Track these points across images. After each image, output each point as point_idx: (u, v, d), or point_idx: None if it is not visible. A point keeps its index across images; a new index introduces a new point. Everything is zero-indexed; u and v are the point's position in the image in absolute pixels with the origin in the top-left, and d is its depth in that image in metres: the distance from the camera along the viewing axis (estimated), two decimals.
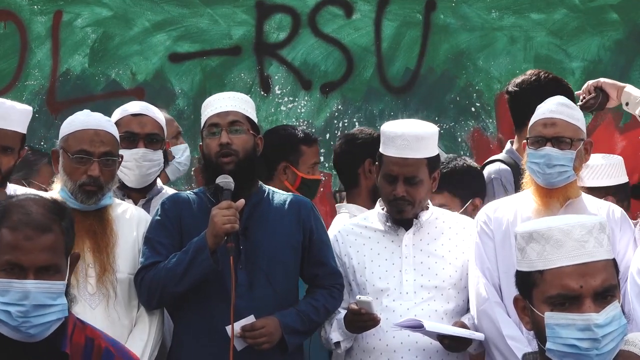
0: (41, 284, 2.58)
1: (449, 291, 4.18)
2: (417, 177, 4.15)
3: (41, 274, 2.60)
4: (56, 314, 2.61)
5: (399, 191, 4.14)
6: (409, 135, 4.14)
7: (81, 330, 2.76)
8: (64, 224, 2.66)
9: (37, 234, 2.60)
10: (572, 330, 2.39)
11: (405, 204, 4.16)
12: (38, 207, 2.65)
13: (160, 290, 3.96)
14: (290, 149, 4.95)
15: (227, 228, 3.87)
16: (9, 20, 6.53)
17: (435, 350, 4.09)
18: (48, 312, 2.60)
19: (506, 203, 4.26)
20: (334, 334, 4.12)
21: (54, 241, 2.62)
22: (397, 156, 4.15)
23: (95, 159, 3.98)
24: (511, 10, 6.55)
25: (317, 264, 4.16)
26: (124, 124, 4.48)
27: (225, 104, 4.15)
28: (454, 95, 6.55)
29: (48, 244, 2.61)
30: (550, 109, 4.17)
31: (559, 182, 4.12)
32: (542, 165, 4.09)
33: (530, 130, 4.19)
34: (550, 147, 4.09)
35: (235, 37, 6.56)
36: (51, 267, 2.61)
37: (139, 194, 4.54)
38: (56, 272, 2.62)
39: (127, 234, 4.08)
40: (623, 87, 4.71)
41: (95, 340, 2.76)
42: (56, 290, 2.61)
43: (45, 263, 2.60)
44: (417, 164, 4.15)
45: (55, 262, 2.62)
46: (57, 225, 2.64)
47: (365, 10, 6.57)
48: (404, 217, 4.20)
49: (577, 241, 2.41)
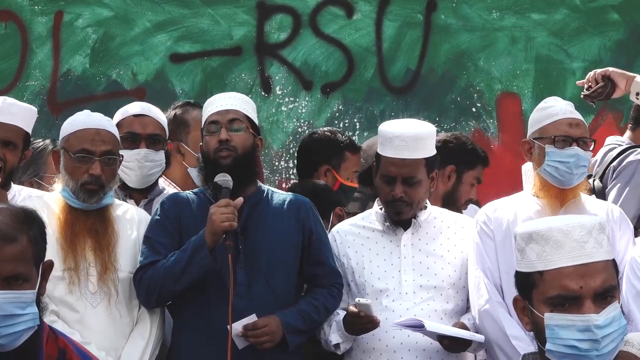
0: (8, 294, 2.53)
1: (448, 291, 4.17)
2: (415, 178, 4.14)
3: (9, 284, 2.54)
4: (25, 324, 2.56)
5: (397, 192, 4.13)
6: (406, 136, 4.13)
7: (54, 341, 2.71)
8: (31, 233, 2.59)
9: (3, 245, 2.54)
10: (572, 331, 2.38)
11: (404, 205, 4.15)
12: (4, 217, 2.59)
13: (158, 288, 3.97)
14: (335, 154, 5.00)
15: (225, 226, 3.87)
16: (9, 20, 6.54)
17: (435, 351, 4.08)
18: (17, 321, 2.54)
19: (505, 203, 4.25)
20: (333, 335, 4.12)
21: (20, 251, 2.55)
22: (395, 157, 4.13)
23: (97, 157, 3.99)
24: (512, 11, 6.55)
25: (317, 263, 4.16)
26: (126, 125, 4.49)
27: (225, 103, 4.16)
28: (454, 95, 6.55)
29: (14, 254, 2.54)
30: (569, 110, 4.15)
31: (576, 182, 4.11)
32: (571, 166, 4.06)
33: (549, 129, 4.11)
34: (578, 148, 4.08)
35: (236, 37, 6.56)
36: (19, 276, 2.55)
37: (140, 195, 4.55)
38: (25, 281, 2.56)
39: (128, 234, 4.09)
40: (633, 77, 4.60)
41: (67, 353, 2.70)
42: (25, 299, 2.55)
43: (10, 273, 2.54)
44: (415, 164, 4.14)
45: (21, 272, 2.55)
46: (23, 235, 2.57)
47: (366, 11, 6.57)
48: (403, 218, 4.19)
49: (577, 242, 2.41)
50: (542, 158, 4.11)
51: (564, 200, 4.12)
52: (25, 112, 4.28)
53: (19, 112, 4.24)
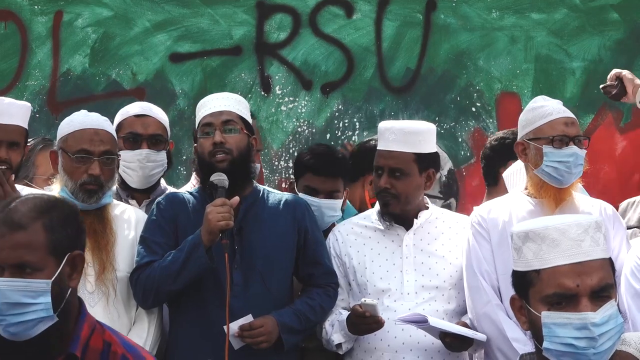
0: (12, 282, 2.53)
1: (450, 291, 4.17)
2: (401, 170, 4.15)
3: (17, 273, 2.54)
4: (36, 313, 2.54)
5: (381, 183, 4.16)
6: (396, 129, 4.18)
7: (100, 334, 2.71)
8: (47, 221, 2.58)
9: (10, 232, 2.54)
10: (569, 329, 2.39)
11: (389, 196, 4.17)
12: (25, 205, 2.60)
13: (155, 288, 3.97)
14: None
15: (221, 225, 3.87)
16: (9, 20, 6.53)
17: (437, 351, 4.08)
18: (26, 310, 2.53)
19: (498, 204, 4.24)
20: (336, 335, 4.12)
21: (29, 239, 2.55)
22: (384, 149, 4.18)
23: (96, 157, 3.99)
24: (512, 10, 6.55)
25: (312, 263, 4.17)
26: (127, 125, 4.49)
27: (218, 104, 4.16)
28: (454, 95, 6.54)
29: (20, 242, 2.54)
30: (562, 109, 4.15)
31: (573, 181, 4.11)
32: (570, 165, 4.07)
33: (545, 129, 4.11)
34: (575, 146, 4.07)
35: (235, 37, 6.56)
36: (27, 265, 2.54)
37: (142, 195, 4.55)
38: (35, 270, 2.55)
39: (126, 234, 4.09)
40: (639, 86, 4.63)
41: (112, 345, 2.70)
42: (35, 289, 2.54)
43: (17, 261, 2.54)
44: (402, 157, 4.16)
45: (29, 260, 2.54)
46: (36, 223, 2.56)
47: (365, 10, 6.56)
48: (390, 211, 4.20)
49: (574, 240, 2.41)
50: (539, 159, 4.10)
51: (560, 199, 4.12)
52: (22, 109, 4.30)
53: (18, 111, 4.26)
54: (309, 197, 4.48)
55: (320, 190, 4.52)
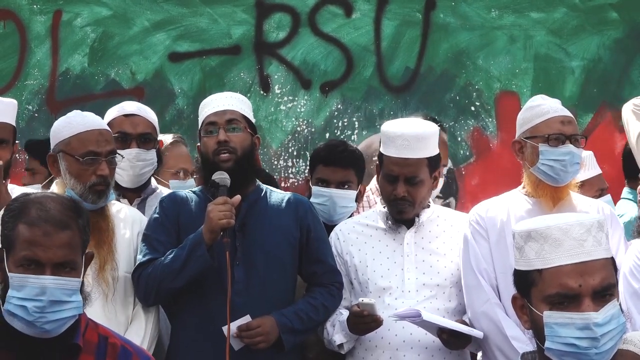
0: (58, 280, 2.62)
1: (451, 289, 4.17)
2: (417, 177, 4.13)
3: (58, 271, 2.63)
4: (71, 311, 2.65)
5: (399, 191, 4.13)
6: (409, 135, 4.12)
7: (93, 329, 2.79)
8: (80, 221, 2.70)
9: (56, 231, 2.64)
10: (571, 329, 2.38)
11: (406, 204, 4.15)
12: (56, 204, 2.69)
13: (157, 286, 3.97)
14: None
15: (222, 223, 3.87)
16: (8, 19, 6.54)
17: (437, 349, 4.08)
18: (64, 308, 2.63)
19: (496, 203, 4.23)
20: (337, 335, 4.12)
21: (71, 238, 2.66)
22: (397, 156, 4.13)
23: (103, 158, 3.99)
24: (511, 9, 6.55)
25: (315, 261, 4.16)
26: (117, 125, 4.49)
27: (222, 103, 4.16)
28: (453, 94, 6.55)
29: (66, 241, 2.64)
30: (559, 107, 4.15)
31: (569, 180, 4.11)
32: (566, 164, 4.06)
33: (541, 127, 4.10)
34: (572, 145, 4.07)
35: (234, 36, 6.56)
36: (68, 263, 2.65)
37: (134, 194, 4.55)
38: (72, 269, 2.66)
39: (122, 233, 4.09)
40: None
41: (109, 338, 2.79)
42: (72, 287, 2.65)
43: (62, 259, 2.64)
44: (418, 163, 4.13)
45: (71, 259, 2.65)
46: (74, 223, 2.68)
47: (364, 10, 6.57)
48: (405, 218, 4.19)
49: (576, 240, 2.40)
50: (535, 157, 4.10)
51: (557, 198, 4.12)
52: (9, 106, 4.27)
53: (5, 109, 4.23)
54: (321, 188, 4.48)
55: (331, 180, 4.53)
